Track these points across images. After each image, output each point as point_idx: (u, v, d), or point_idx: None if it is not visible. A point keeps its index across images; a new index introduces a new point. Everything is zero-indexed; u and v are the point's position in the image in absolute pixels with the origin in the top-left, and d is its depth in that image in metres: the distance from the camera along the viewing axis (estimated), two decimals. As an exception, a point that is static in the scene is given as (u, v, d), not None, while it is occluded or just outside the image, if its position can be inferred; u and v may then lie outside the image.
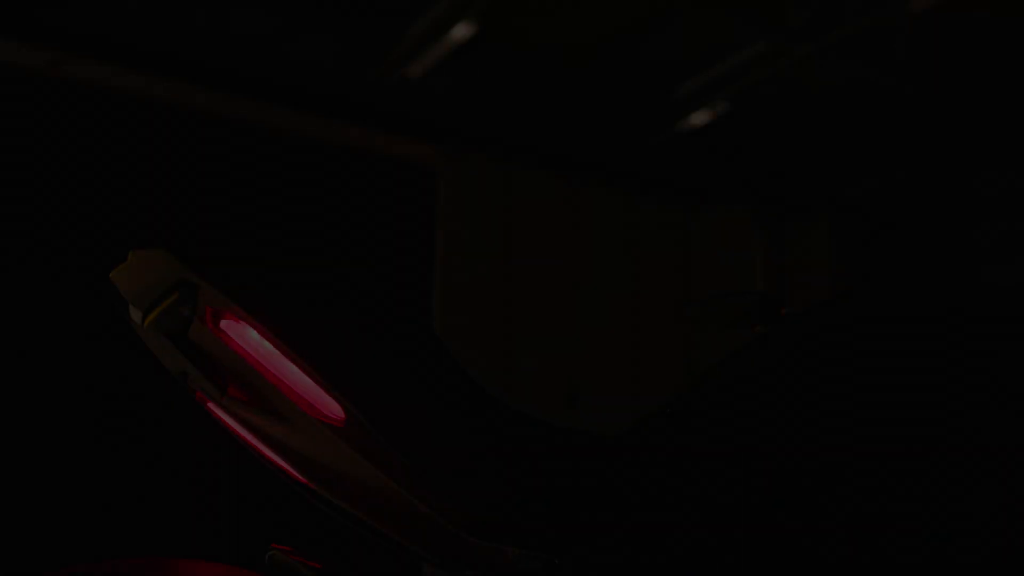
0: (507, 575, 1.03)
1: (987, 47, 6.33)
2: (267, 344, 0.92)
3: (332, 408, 0.92)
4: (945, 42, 6.40)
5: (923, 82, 6.58)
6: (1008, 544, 1.06)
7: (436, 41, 6.11)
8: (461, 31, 6.02)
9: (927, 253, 7.87)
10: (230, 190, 6.16)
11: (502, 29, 6.50)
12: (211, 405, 1.02)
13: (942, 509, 1.06)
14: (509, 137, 7.29)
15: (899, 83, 6.57)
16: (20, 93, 5.68)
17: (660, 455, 1.07)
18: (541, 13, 6.49)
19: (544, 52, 6.93)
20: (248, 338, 0.93)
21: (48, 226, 5.69)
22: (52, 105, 5.79)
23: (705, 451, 1.07)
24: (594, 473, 1.03)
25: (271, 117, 6.34)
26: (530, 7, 6.41)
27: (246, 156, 6.32)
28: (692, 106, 6.94)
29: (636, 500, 1.04)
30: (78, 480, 5.03)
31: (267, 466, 1.07)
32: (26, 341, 5.09)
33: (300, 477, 1.04)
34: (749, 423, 1.09)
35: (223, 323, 0.93)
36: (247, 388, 0.96)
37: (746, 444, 1.07)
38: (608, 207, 7.27)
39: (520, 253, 6.87)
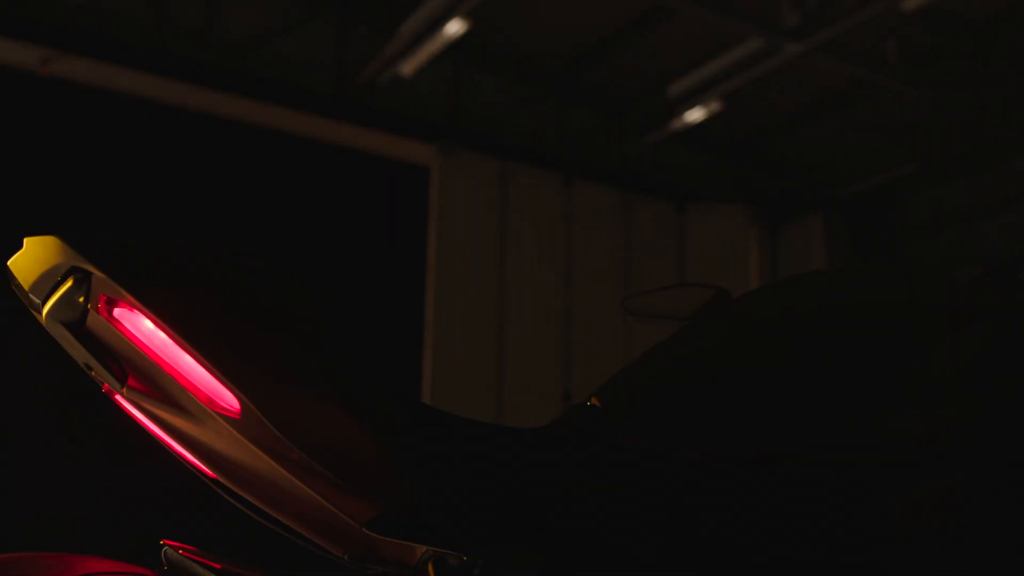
0: (416, 572, 1.01)
1: (981, 48, 6.29)
2: (161, 334, 0.90)
3: (228, 400, 0.90)
4: (938, 41, 6.37)
5: (918, 81, 6.55)
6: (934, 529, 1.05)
7: (429, 39, 6.10)
8: (453, 28, 6.00)
9: (921, 252, 7.84)
10: (222, 188, 6.15)
11: (494, 26, 6.49)
12: (118, 397, 1.01)
13: (862, 504, 1.04)
14: (503, 134, 7.27)
15: (894, 82, 6.53)
16: (11, 90, 5.68)
17: (578, 450, 1.05)
18: (536, 11, 6.48)
19: (539, 50, 6.92)
20: (143, 328, 0.91)
21: (46, 226, 5.68)
22: (43, 103, 5.79)
23: (625, 445, 1.05)
24: (507, 469, 1.02)
25: (263, 115, 6.33)
26: (524, 5, 6.40)
27: (239, 154, 6.31)
28: (686, 105, 6.92)
29: (550, 496, 1.02)
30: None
31: (179, 460, 1.06)
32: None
33: (207, 470, 1.02)
34: (670, 416, 1.08)
35: (117, 312, 0.91)
36: (146, 379, 0.94)
37: (666, 437, 1.05)
38: (602, 205, 7.25)
39: (514, 251, 6.86)
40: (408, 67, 6.38)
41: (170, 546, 0.98)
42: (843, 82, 6.92)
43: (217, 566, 0.97)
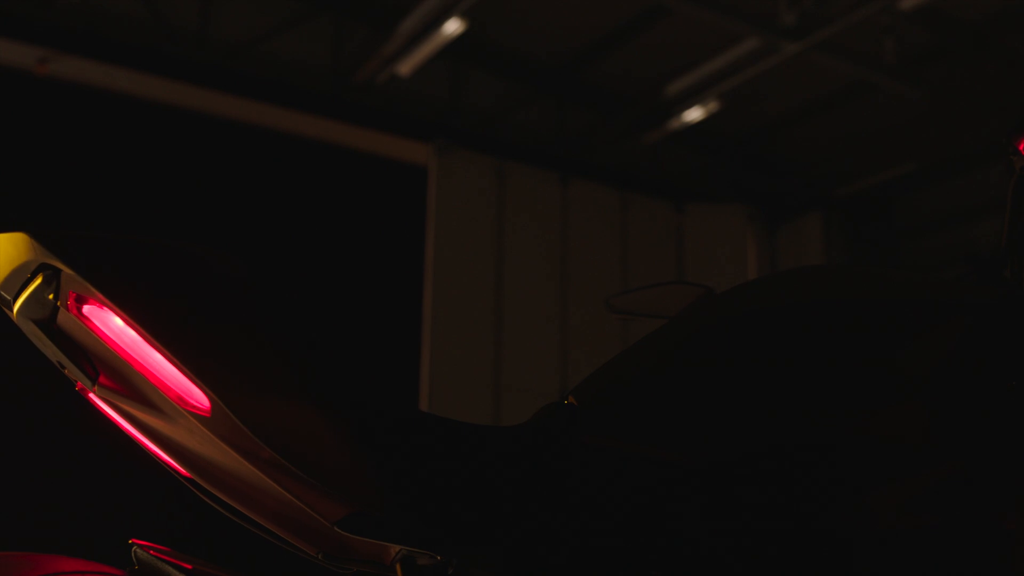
0: (394, 572, 1.00)
1: (978, 47, 6.28)
2: (131, 331, 0.90)
3: (198, 398, 0.90)
4: (936, 40, 6.36)
5: (915, 81, 6.54)
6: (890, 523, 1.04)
7: (426, 39, 6.09)
8: (450, 28, 6.00)
9: (919, 251, 7.83)
10: (219, 187, 6.15)
11: (492, 26, 6.48)
12: (91, 395, 1.00)
13: (837, 503, 1.04)
14: (500, 134, 7.27)
15: (892, 81, 6.53)
16: (7, 90, 5.68)
17: (543, 449, 1.05)
18: (533, 11, 6.47)
19: (536, 49, 6.92)
20: (112, 325, 0.91)
21: (45, 226, 5.68)
22: (40, 103, 5.79)
23: (588, 444, 1.04)
24: (478, 468, 1.01)
25: (260, 115, 6.33)
26: (521, 4, 6.40)
27: (236, 154, 6.31)
28: (684, 104, 6.92)
29: (523, 496, 1.01)
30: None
31: (153, 459, 1.05)
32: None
33: (181, 469, 1.02)
34: (640, 417, 1.07)
35: (87, 309, 0.91)
36: (117, 377, 0.94)
37: (638, 436, 1.05)
38: (600, 205, 7.24)
39: (512, 251, 6.85)
40: (405, 66, 6.37)
41: (139, 545, 0.97)
42: (841, 82, 6.92)
43: (188, 566, 0.96)
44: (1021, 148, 1.26)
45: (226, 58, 6.35)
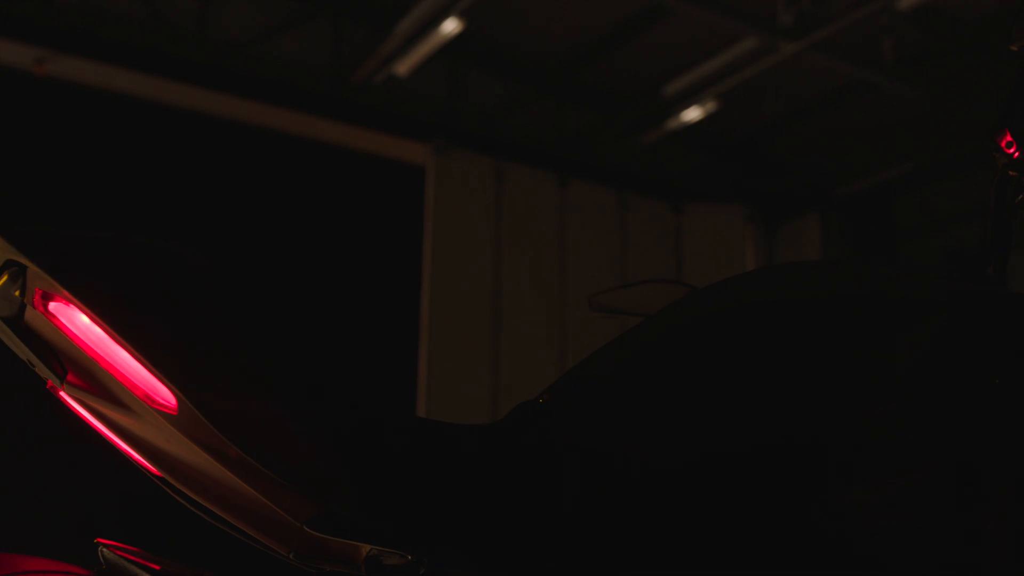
0: (365, 572, 1.00)
1: (976, 47, 6.28)
2: (97, 329, 0.89)
3: (164, 395, 0.89)
4: (934, 40, 6.35)
5: (913, 80, 6.54)
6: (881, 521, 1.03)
7: (424, 39, 6.09)
8: (448, 28, 5.99)
9: (917, 251, 7.82)
10: (217, 187, 6.15)
11: (490, 25, 6.48)
12: (62, 393, 1.00)
13: (807, 506, 1.03)
14: (498, 134, 7.26)
15: (890, 81, 6.52)
16: (5, 90, 5.68)
17: (523, 448, 1.04)
18: (531, 10, 6.47)
19: (534, 49, 6.91)
20: (78, 322, 0.90)
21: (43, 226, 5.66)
22: (38, 103, 5.79)
23: (571, 444, 1.04)
24: (453, 467, 1.00)
25: (258, 115, 6.33)
26: (519, 4, 6.39)
27: (234, 154, 6.31)
28: (683, 104, 6.91)
29: (495, 495, 1.01)
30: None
31: (125, 457, 1.05)
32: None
33: (151, 467, 1.01)
34: (613, 416, 1.06)
35: (52, 306, 0.90)
36: (85, 375, 0.93)
37: (610, 437, 1.04)
38: (598, 205, 7.24)
39: (510, 250, 6.85)
40: (403, 66, 6.37)
41: (105, 545, 0.96)
42: (839, 81, 6.91)
43: (156, 567, 0.95)
44: (1002, 145, 1.25)
45: (224, 58, 6.35)
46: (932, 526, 1.05)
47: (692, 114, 6.97)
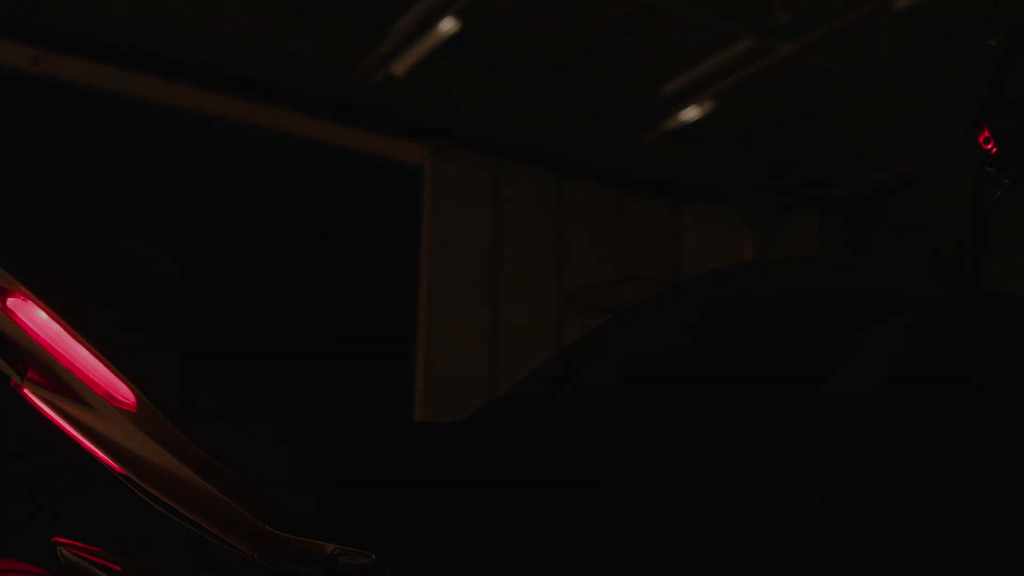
0: (327, 571, 0.99)
1: (973, 47, 6.26)
2: (55, 325, 0.89)
3: (124, 393, 0.89)
4: (931, 40, 6.34)
5: (911, 80, 6.52)
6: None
7: (421, 38, 6.08)
8: (446, 27, 5.98)
9: (915, 251, 7.80)
10: (213, 188, 6.14)
11: (487, 25, 6.47)
12: (25, 391, 0.99)
13: (780, 507, 1.02)
14: (496, 134, 7.26)
15: (887, 81, 6.51)
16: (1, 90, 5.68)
17: (489, 447, 1.03)
18: (529, 10, 6.46)
19: (531, 49, 6.90)
20: (37, 319, 0.90)
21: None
22: (35, 103, 5.79)
23: (539, 443, 1.03)
24: (416, 465, 1.00)
25: (254, 115, 6.32)
26: (517, 4, 6.39)
27: (230, 154, 6.30)
28: (680, 104, 6.90)
29: (460, 494, 1.00)
30: None
31: (88, 455, 1.04)
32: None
33: (115, 465, 1.00)
34: (577, 415, 1.05)
35: (11, 302, 0.90)
36: (45, 372, 0.93)
37: (573, 437, 1.03)
38: (596, 205, 7.23)
39: (507, 250, 6.84)
40: (400, 66, 6.36)
41: (63, 544, 0.96)
42: (836, 81, 6.90)
43: (117, 567, 0.95)
44: (980, 141, 1.24)
45: (220, 58, 6.35)
46: (902, 531, 1.04)
47: (690, 114, 6.96)
